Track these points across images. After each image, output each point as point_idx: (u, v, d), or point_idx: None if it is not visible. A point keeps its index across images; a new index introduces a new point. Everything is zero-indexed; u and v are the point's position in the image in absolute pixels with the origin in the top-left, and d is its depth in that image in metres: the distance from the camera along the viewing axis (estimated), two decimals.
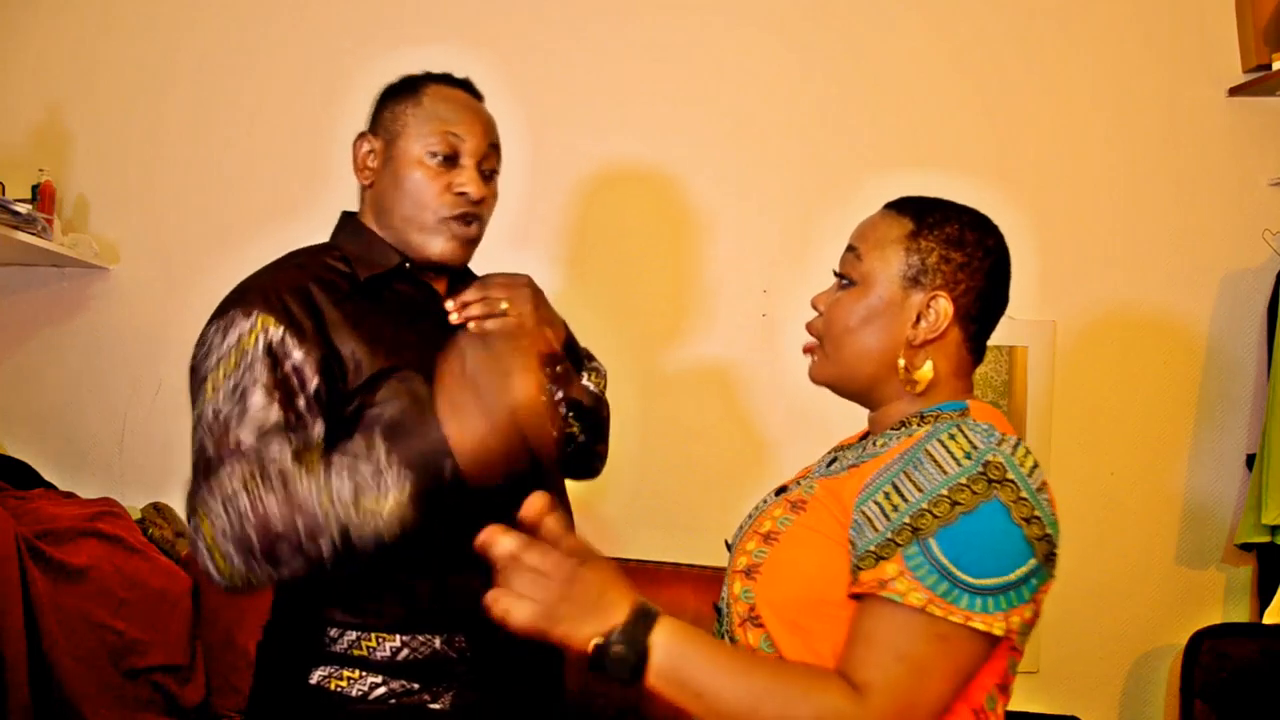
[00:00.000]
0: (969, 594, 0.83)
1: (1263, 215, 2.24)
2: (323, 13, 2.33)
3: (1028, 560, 0.84)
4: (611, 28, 2.32)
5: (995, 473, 0.85)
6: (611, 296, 2.27)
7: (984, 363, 2.23)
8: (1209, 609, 2.22)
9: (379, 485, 0.97)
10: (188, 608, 2.08)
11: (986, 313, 1.00)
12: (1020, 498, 0.85)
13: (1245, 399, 2.25)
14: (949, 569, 0.83)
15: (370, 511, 0.96)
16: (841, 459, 1.04)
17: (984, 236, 0.99)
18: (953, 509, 0.84)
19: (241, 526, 0.96)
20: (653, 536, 2.24)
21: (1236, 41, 2.27)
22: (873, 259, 0.99)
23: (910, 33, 2.30)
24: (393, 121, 1.21)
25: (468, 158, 1.19)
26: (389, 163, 1.20)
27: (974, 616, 0.83)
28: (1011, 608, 0.84)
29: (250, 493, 0.97)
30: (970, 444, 0.87)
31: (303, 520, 0.96)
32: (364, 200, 1.25)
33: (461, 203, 1.17)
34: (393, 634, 1.09)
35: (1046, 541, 0.86)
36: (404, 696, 1.09)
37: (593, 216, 2.29)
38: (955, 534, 0.83)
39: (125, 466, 2.29)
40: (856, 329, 0.99)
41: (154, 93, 2.33)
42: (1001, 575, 0.83)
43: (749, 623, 0.94)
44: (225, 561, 0.97)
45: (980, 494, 0.84)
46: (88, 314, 2.31)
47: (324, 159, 2.32)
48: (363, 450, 0.98)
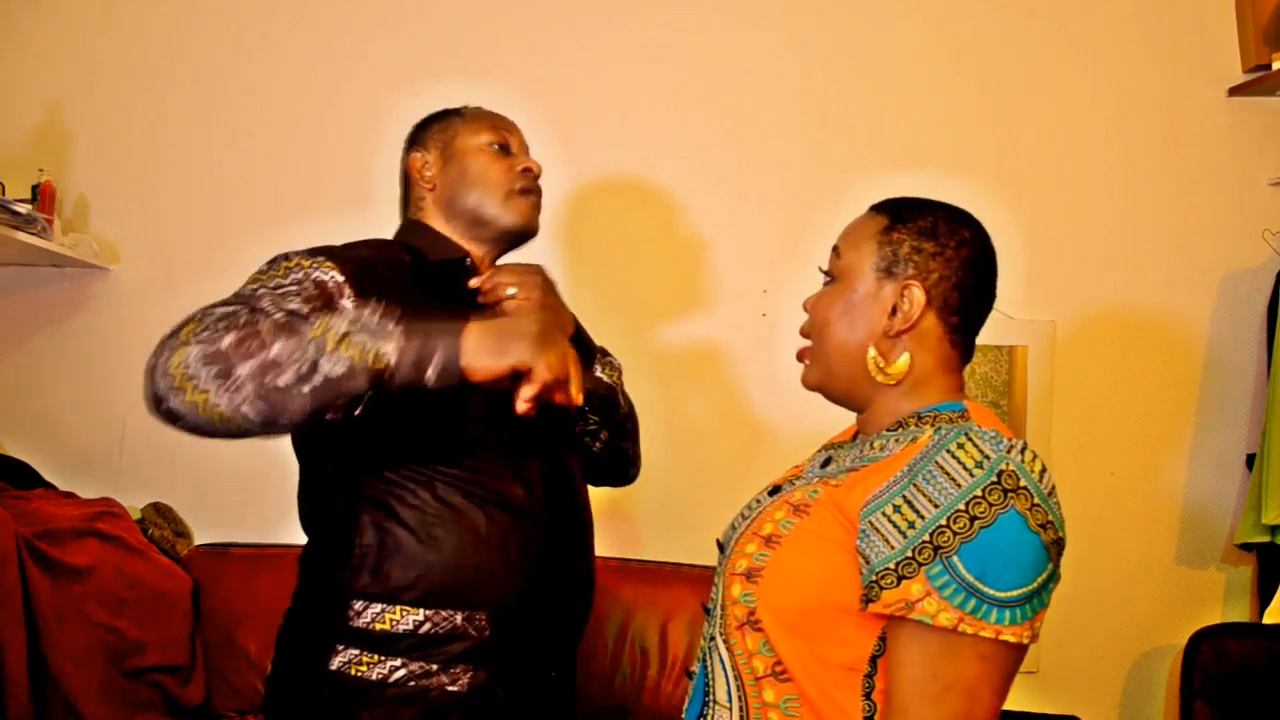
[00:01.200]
0: (997, 608, 0.83)
1: (1263, 215, 2.24)
2: (322, 13, 2.33)
3: (1046, 566, 0.85)
4: (611, 29, 2.32)
5: (1009, 482, 0.85)
6: (612, 296, 2.27)
7: (984, 363, 2.27)
8: (1209, 609, 2.22)
9: (377, 333, 0.94)
10: (188, 608, 2.08)
11: (967, 305, 0.99)
12: (1035, 504, 0.85)
13: (1245, 399, 2.25)
14: (975, 586, 0.83)
15: (356, 346, 0.93)
16: (837, 459, 1.04)
17: (959, 228, 0.99)
18: (972, 524, 0.84)
19: (215, 345, 0.92)
20: (653, 536, 2.24)
21: (1236, 41, 2.27)
22: (850, 255, 1.01)
23: (910, 33, 2.30)
24: (443, 132, 1.33)
25: (517, 149, 1.35)
26: (450, 161, 1.31)
27: (1004, 630, 0.83)
28: (1035, 614, 0.85)
29: (239, 320, 0.94)
30: (981, 453, 0.87)
31: (284, 342, 0.92)
32: (421, 207, 1.33)
33: (525, 177, 1.31)
34: (416, 608, 1.12)
35: (1058, 545, 0.87)
36: (423, 679, 1.12)
37: (593, 217, 2.29)
38: (977, 549, 0.83)
39: (125, 466, 2.29)
40: (835, 322, 1.01)
41: (154, 93, 2.33)
42: (1025, 585, 0.84)
43: (748, 626, 0.93)
44: (192, 385, 0.92)
45: (997, 505, 0.84)
46: (88, 314, 2.31)
47: (324, 159, 2.32)
48: (376, 310, 0.97)
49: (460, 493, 1.15)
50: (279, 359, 0.92)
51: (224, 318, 0.95)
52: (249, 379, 0.91)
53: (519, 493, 1.18)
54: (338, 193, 2.31)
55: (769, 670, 0.91)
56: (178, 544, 2.20)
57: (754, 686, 0.92)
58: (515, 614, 1.16)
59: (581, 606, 1.29)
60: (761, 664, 0.92)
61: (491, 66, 2.31)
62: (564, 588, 1.24)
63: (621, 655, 2.04)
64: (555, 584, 1.22)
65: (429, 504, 1.14)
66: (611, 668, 2.03)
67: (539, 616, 1.20)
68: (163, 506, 2.24)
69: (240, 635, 2.08)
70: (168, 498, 2.26)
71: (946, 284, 0.97)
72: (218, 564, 2.15)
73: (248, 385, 0.91)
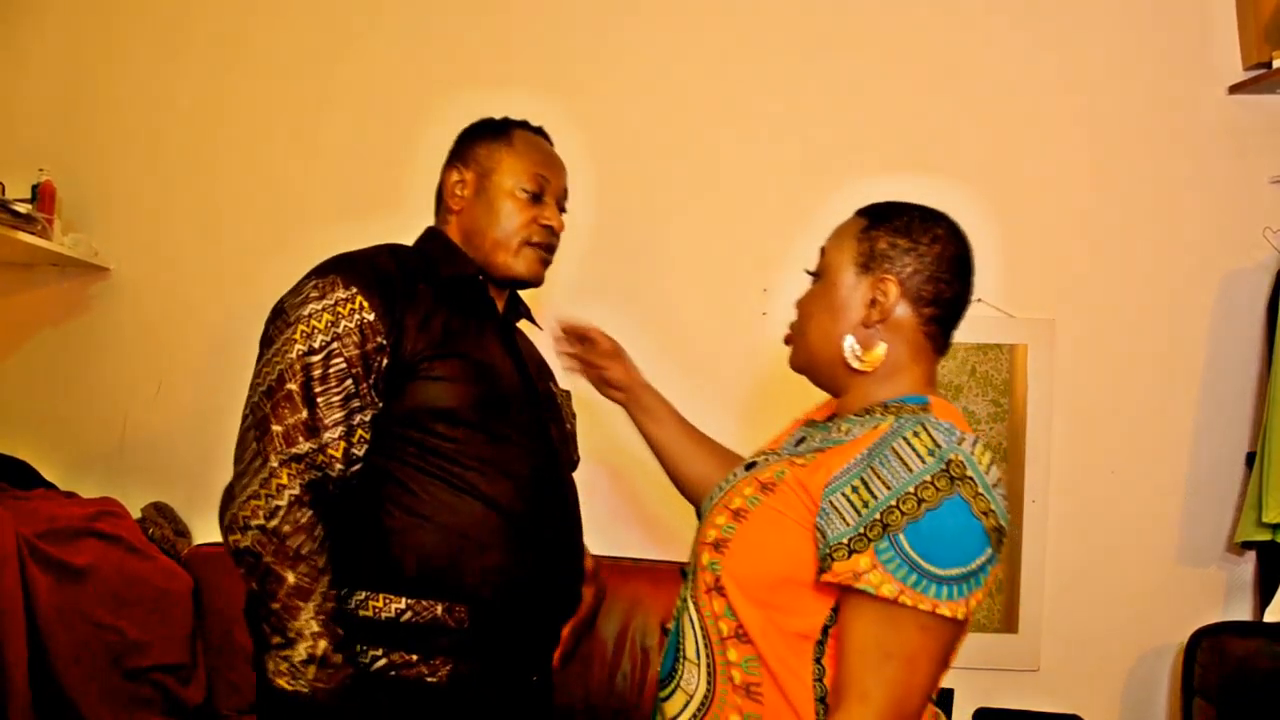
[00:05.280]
0: (936, 583, 0.90)
1: (1263, 213, 2.23)
2: (321, 13, 2.33)
3: (985, 550, 0.92)
4: (611, 30, 2.33)
5: (956, 470, 0.92)
6: (612, 295, 2.27)
7: (984, 362, 2.26)
8: (1210, 607, 2.22)
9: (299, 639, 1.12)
10: (188, 607, 2.09)
11: (941, 298, 1.06)
12: (978, 493, 0.92)
13: (1245, 398, 2.25)
14: (918, 562, 0.90)
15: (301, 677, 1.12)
16: (809, 438, 1.11)
17: (932, 225, 1.06)
18: (919, 506, 0.91)
19: (261, 547, 1.13)
20: (653, 535, 2.24)
21: (1237, 39, 2.27)
22: (833, 253, 1.11)
23: (911, 33, 2.30)
24: (487, 158, 1.37)
25: (550, 196, 1.38)
26: (482, 193, 1.36)
27: (941, 605, 0.90)
28: (971, 593, 0.92)
29: (273, 552, 1.12)
30: (934, 442, 0.94)
31: (282, 591, 1.12)
32: (447, 221, 1.39)
33: (545, 233, 1.36)
34: (399, 596, 1.16)
35: (999, 531, 0.94)
36: (404, 669, 1.16)
37: (593, 217, 2.29)
38: (922, 529, 0.91)
39: (125, 466, 2.29)
40: (818, 314, 1.10)
41: (154, 93, 2.34)
42: (963, 565, 0.91)
43: (714, 591, 1.02)
44: (244, 536, 1.13)
45: (943, 490, 0.91)
46: (88, 314, 2.31)
47: (323, 159, 2.32)
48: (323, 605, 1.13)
49: (449, 488, 1.19)
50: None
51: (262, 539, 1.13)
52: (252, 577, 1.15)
53: (508, 492, 1.21)
54: (338, 193, 2.31)
55: (732, 632, 1.00)
56: (178, 543, 2.21)
57: (719, 645, 1.01)
58: (495, 609, 1.20)
59: (565, 608, 1.31)
60: (726, 626, 1.01)
61: (489, 69, 2.31)
62: (548, 588, 1.26)
63: (621, 655, 2.04)
64: (539, 583, 1.24)
65: (417, 497, 1.18)
66: (611, 668, 2.04)
67: (520, 614, 1.22)
68: (163, 506, 2.25)
69: (240, 634, 2.07)
70: (168, 497, 2.26)
71: (920, 277, 1.05)
72: (218, 563, 2.15)
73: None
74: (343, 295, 1.18)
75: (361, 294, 1.19)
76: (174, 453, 2.29)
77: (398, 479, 1.19)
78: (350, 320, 1.18)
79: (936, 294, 1.05)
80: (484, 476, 1.20)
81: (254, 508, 1.12)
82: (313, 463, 1.15)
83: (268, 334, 1.21)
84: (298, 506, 1.13)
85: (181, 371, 2.30)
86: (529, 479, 1.24)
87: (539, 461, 1.27)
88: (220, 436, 2.29)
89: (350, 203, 2.28)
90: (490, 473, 1.20)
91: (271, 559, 1.11)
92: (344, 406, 1.17)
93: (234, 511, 1.14)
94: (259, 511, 1.12)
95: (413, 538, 1.17)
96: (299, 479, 1.13)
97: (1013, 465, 2.26)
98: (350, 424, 1.17)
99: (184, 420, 2.29)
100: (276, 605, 1.11)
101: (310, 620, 1.11)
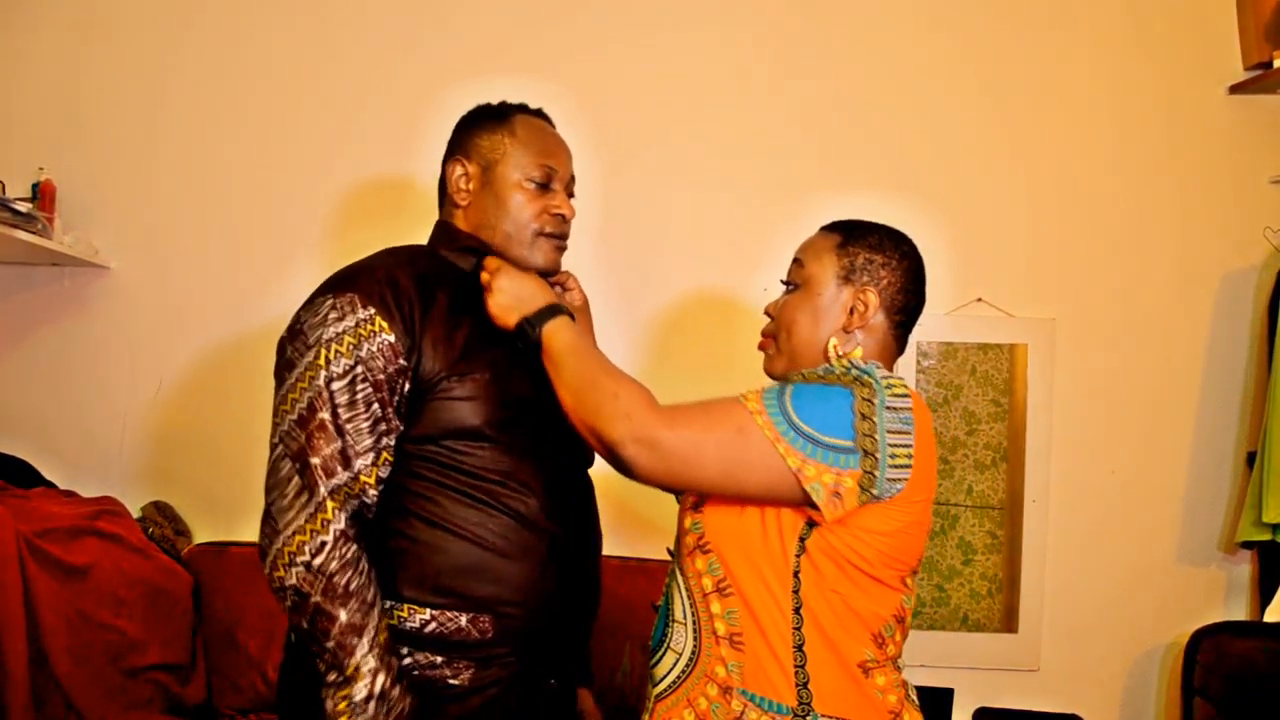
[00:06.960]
0: (788, 424, 1.04)
1: (1263, 213, 2.24)
2: (321, 14, 2.33)
3: (847, 438, 1.04)
4: (611, 31, 2.32)
5: (863, 380, 1.07)
6: (612, 295, 2.27)
7: (984, 361, 2.27)
8: (1210, 607, 2.22)
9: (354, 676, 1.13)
10: (188, 606, 2.09)
11: (906, 307, 1.21)
12: (867, 400, 1.05)
13: (1245, 397, 2.25)
14: (786, 405, 1.06)
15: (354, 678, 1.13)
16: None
17: (899, 244, 1.21)
18: (813, 384, 1.08)
19: (309, 585, 1.13)
20: (653, 535, 2.24)
21: (1237, 39, 2.27)
22: (812, 266, 1.22)
23: (911, 34, 2.30)
24: (490, 150, 1.32)
25: (558, 183, 1.34)
26: (488, 186, 1.32)
27: (781, 439, 1.04)
28: (812, 459, 1.03)
29: (321, 591, 1.12)
30: (857, 368, 1.09)
31: (331, 624, 1.13)
32: (454, 215, 1.35)
33: (557, 221, 1.34)
34: (423, 607, 1.17)
35: (870, 444, 1.04)
36: (427, 670, 1.17)
37: (594, 217, 2.29)
38: (805, 390, 1.08)
39: (125, 465, 2.29)
40: (803, 323, 1.21)
41: (154, 93, 2.33)
42: (820, 431, 1.04)
43: (697, 550, 1.14)
44: (289, 574, 1.12)
45: (841, 382, 1.08)
46: (88, 314, 2.31)
47: (323, 159, 2.32)
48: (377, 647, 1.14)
49: (474, 502, 1.19)
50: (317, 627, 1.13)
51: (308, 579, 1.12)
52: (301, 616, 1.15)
53: (532, 505, 1.22)
54: (338, 194, 2.31)
55: (715, 587, 1.12)
56: (178, 542, 2.21)
57: (703, 602, 1.13)
58: (519, 620, 1.20)
59: (585, 618, 1.32)
60: (710, 581, 1.12)
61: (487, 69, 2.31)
62: (570, 596, 1.26)
63: (622, 655, 2.04)
64: (561, 592, 1.24)
65: (440, 511, 1.18)
66: (611, 668, 2.04)
67: (543, 623, 1.23)
68: (163, 505, 2.25)
69: (240, 634, 2.08)
70: (168, 496, 2.26)
71: (893, 289, 1.19)
72: (218, 562, 2.15)
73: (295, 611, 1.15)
74: (363, 316, 1.16)
75: (380, 315, 1.17)
76: (174, 453, 2.29)
77: (419, 494, 1.18)
78: (372, 343, 1.16)
79: (905, 303, 1.20)
80: (506, 489, 1.20)
81: (299, 543, 1.11)
82: (350, 492, 1.14)
83: (287, 357, 1.18)
84: (344, 541, 1.12)
85: (181, 371, 2.30)
86: (549, 488, 1.24)
87: (558, 468, 1.28)
88: (220, 436, 2.31)
89: (351, 202, 2.28)
90: (512, 485, 1.20)
91: (320, 598, 1.11)
92: (373, 432, 1.16)
93: (279, 547, 1.12)
94: (305, 548, 1.11)
95: (436, 551, 1.18)
96: (343, 511, 1.13)
97: (1013, 465, 2.26)
98: (378, 448, 1.16)
99: (184, 420, 2.29)
100: (330, 644, 1.11)
101: (367, 656, 1.11)
